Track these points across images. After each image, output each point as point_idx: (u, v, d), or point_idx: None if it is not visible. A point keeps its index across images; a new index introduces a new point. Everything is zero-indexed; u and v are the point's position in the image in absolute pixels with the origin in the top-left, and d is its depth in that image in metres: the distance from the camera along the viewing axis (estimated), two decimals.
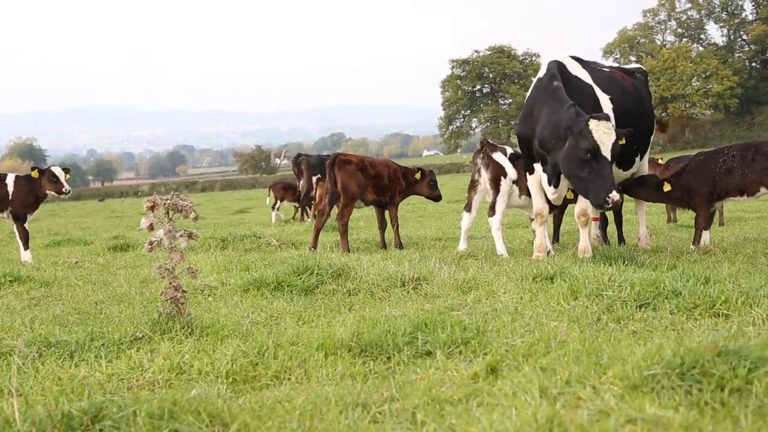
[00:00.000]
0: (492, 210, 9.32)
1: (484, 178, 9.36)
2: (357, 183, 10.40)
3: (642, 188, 9.54)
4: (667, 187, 9.22)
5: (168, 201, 5.13)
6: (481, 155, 9.42)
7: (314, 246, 10.75)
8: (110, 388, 3.97)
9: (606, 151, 7.72)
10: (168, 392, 3.66)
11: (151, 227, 5.12)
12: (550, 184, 8.51)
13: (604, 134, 7.72)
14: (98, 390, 3.92)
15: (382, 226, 11.26)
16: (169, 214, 5.15)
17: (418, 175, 11.12)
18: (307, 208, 21.22)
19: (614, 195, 7.63)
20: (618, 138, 7.86)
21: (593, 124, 7.73)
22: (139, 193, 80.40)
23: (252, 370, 4.15)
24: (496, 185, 9.24)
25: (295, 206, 22.49)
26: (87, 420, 3.16)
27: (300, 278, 7.05)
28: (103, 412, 3.21)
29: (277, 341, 4.58)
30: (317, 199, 17.41)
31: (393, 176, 10.95)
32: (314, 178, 17.84)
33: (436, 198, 11.34)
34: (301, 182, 20.31)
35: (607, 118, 7.83)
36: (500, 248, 9.25)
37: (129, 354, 4.48)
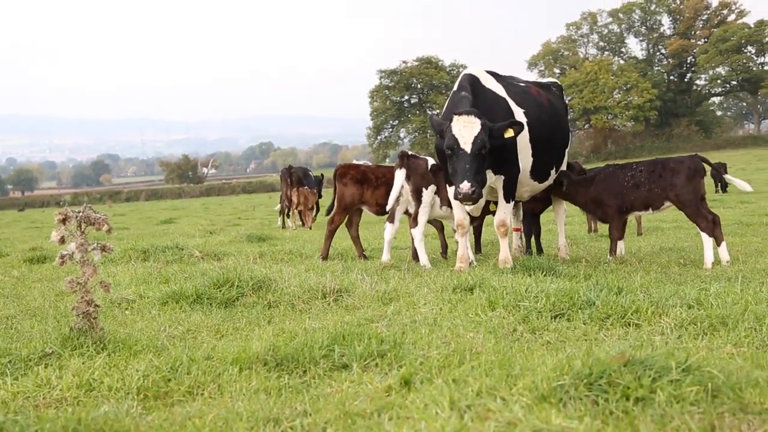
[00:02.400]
0: (414, 221, 9.37)
1: (406, 189, 9.40)
2: (353, 193, 10.29)
3: (557, 186, 9.83)
4: (563, 187, 9.53)
5: (80, 214, 5.01)
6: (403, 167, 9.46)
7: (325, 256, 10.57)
8: (15, 406, 3.84)
9: (465, 144, 7.87)
10: (74, 410, 3.57)
11: (62, 240, 4.99)
12: None
13: (464, 127, 7.89)
14: (2, 409, 3.79)
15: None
16: (82, 226, 5.03)
17: None
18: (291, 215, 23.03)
19: (463, 185, 7.74)
20: (501, 130, 8.04)
21: (454, 120, 7.92)
22: (62, 203, 78.30)
23: (164, 386, 4.07)
24: (418, 196, 9.30)
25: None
26: None
27: (220, 291, 6.95)
28: None
29: (192, 356, 4.51)
30: (294, 205, 20.71)
31: None
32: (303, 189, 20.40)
33: None
34: (290, 192, 21.70)
35: (468, 112, 7.99)
36: (423, 259, 9.30)
37: (37, 371, 4.34)
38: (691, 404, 3.21)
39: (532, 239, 10.61)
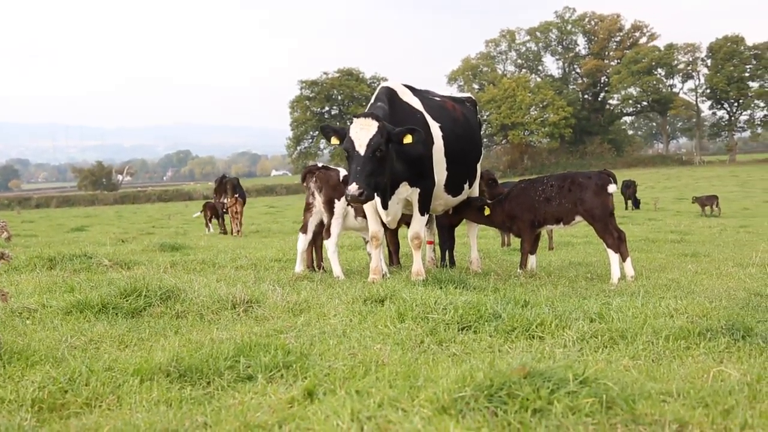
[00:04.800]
0: (327, 232, 9.36)
1: (318, 200, 9.40)
2: None
3: (468, 209, 9.91)
4: (486, 212, 9.62)
5: None
6: (314, 178, 9.45)
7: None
8: None
9: (360, 147, 7.91)
10: None
11: None
12: (383, 207, 8.65)
13: (360, 129, 7.95)
14: None
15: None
16: None
17: None
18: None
19: (350, 187, 7.75)
20: (400, 135, 8.06)
21: (353, 122, 7.99)
22: None
23: (61, 398, 3.96)
24: (330, 208, 9.29)
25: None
26: None
27: (127, 300, 6.78)
28: None
29: (91, 366, 4.40)
30: (232, 214, 22.37)
31: None
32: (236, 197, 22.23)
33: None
34: (226, 200, 23.13)
35: (367, 115, 8.06)
36: (336, 270, 9.29)
37: None
38: (586, 415, 3.29)
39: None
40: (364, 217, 9.28)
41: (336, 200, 9.27)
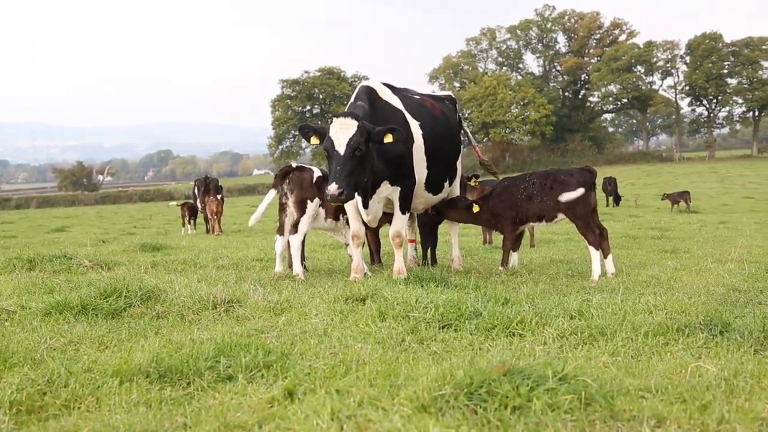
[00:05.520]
0: (295, 228, 9.29)
1: (291, 201, 9.36)
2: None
3: (453, 210, 9.88)
4: (476, 209, 9.59)
5: None
6: (287, 179, 9.40)
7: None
8: None
9: (340, 146, 7.89)
10: None
11: None
12: (364, 206, 8.65)
13: (339, 129, 7.93)
14: None
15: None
16: None
17: None
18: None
19: (330, 187, 7.71)
20: (381, 134, 8.02)
21: (333, 122, 7.98)
22: None
23: (39, 400, 3.93)
24: (302, 207, 9.22)
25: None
26: None
27: (107, 301, 6.73)
28: None
29: (70, 368, 4.37)
30: (210, 214, 23.05)
31: None
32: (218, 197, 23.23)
33: None
34: (208, 199, 23.51)
35: (346, 114, 8.05)
36: (297, 268, 9.18)
37: None
38: (565, 412, 3.30)
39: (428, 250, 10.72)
40: (334, 218, 9.30)
41: (309, 201, 9.21)
